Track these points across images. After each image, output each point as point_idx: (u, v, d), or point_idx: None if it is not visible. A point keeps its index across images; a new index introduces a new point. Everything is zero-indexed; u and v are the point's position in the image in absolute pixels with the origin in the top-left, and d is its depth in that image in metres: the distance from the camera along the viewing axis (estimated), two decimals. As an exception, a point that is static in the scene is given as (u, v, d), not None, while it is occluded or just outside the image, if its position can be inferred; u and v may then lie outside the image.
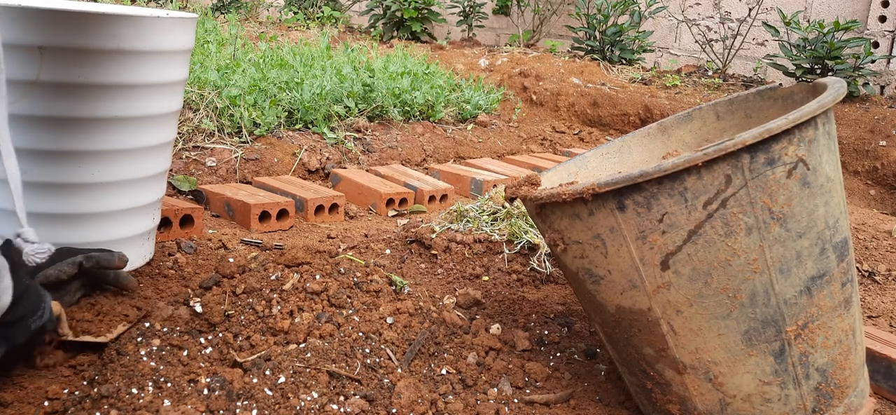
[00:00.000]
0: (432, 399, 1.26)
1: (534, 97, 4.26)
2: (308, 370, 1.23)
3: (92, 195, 1.52)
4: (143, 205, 1.62)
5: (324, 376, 1.23)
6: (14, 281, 1.10)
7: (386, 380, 1.28)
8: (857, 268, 2.16)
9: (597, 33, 4.88)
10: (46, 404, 1.15)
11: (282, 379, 1.21)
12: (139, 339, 1.26)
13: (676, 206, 1.04)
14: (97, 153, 1.49)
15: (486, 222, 2.06)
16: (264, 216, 2.12)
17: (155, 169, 1.62)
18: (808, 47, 3.96)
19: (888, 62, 4.25)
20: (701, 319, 1.10)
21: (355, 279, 1.45)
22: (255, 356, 1.25)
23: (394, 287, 1.50)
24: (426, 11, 5.61)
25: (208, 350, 1.27)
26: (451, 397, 1.30)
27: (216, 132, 2.64)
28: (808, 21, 4.35)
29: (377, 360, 1.31)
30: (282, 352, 1.27)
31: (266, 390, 1.19)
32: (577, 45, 5.11)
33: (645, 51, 4.92)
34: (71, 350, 1.26)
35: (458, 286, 1.76)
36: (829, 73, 3.90)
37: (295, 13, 6.16)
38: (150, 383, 1.17)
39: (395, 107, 3.34)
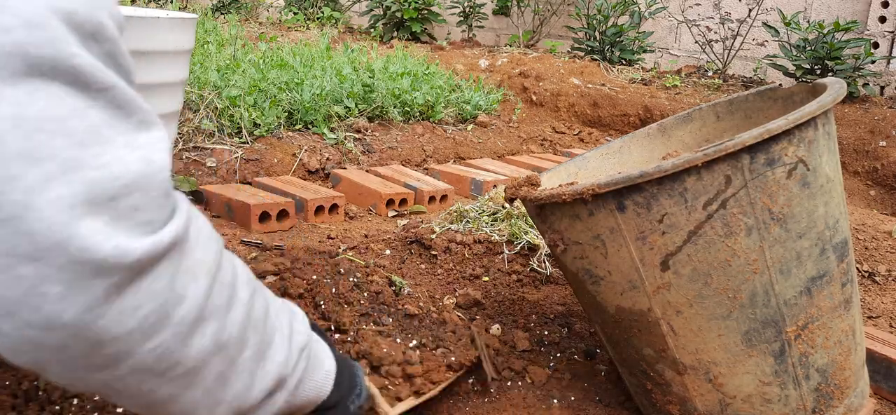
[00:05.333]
0: (432, 400, 1.26)
1: (534, 98, 4.26)
2: (308, 371, 1.23)
3: (92, 196, 1.52)
4: (143, 205, 1.61)
5: (324, 376, 1.23)
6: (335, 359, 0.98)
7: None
8: (857, 268, 2.16)
9: (597, 34, 4.88)
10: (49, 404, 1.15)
11: (282, 380, 1.21)
12: (139, 339, 1.26)
13: (676, 206, 1.04)
14: (97, 154, 1.49)
15: (486, 223, 2.06)
16: (264, 217, 2.12)
17: (155, 169, 1.61)
18: (808, 48, 3.96)
19: (888, 63, 4.25)
20: (701, 319, 1.10)
21: (355, 280, 1.45)
22: (255, 357, 1.25)
23: (394, 288, 1.50)
24: (426, 12, 5.61)
25: (208, 351, 1.27)
26: (451, 397, 1.30)
27: (216, 133, 2.64)
28: (808, 22, 4.35)
29: (377, 360, 1.31)
30: (282, 352, 1.26)
31: (266, 390, 1.19)
32: (577, 45, 5.11)
33: (645, 51, 4.92)
34: None
35: (458, 287, 1.75)
36: (829, 74, 3.90)
37: (295, 14, 6.16)
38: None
39: (395, 107, 3.34)
